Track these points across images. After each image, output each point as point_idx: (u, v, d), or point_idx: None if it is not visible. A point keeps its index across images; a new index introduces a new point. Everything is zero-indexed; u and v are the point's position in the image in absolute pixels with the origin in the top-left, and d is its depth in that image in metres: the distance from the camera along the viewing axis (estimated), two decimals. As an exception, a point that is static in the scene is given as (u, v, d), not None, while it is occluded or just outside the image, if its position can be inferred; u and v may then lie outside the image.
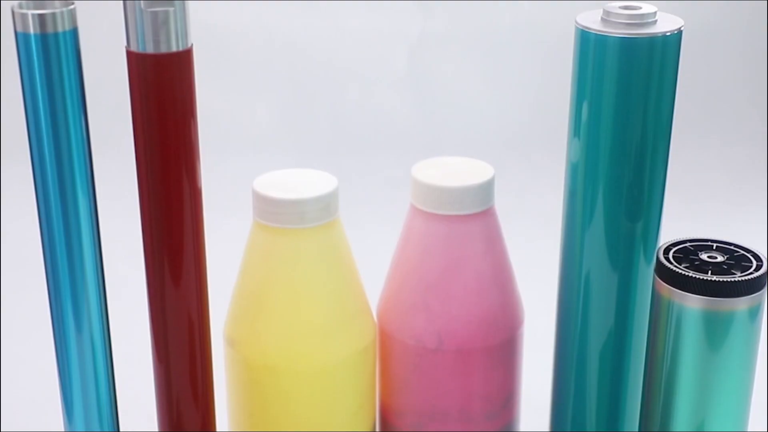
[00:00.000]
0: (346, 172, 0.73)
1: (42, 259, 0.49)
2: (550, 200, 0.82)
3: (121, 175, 0.86)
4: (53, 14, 0.46)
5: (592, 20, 0.54)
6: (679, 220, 0.89)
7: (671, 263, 0.51)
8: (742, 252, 0.52)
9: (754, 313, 0.51)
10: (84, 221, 0.49)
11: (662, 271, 0.52)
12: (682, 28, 0.54)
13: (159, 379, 0.55)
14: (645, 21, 0.54)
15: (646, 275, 0.56)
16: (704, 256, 0.52)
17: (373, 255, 0.64)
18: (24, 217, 0.76)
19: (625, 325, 0.58)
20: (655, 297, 0.53)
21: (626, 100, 0.54)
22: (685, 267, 0.51)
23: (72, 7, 0.47)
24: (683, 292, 0.50)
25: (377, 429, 0.62)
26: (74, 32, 0.47)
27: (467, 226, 0.57)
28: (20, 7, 0.46)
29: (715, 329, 0.50)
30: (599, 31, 0.53)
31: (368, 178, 1.15)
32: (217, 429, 0.57)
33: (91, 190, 0.49)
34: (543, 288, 0.68)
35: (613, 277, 0.57)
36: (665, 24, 0.54)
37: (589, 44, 0.54)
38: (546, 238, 0.73)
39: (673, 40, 0.53)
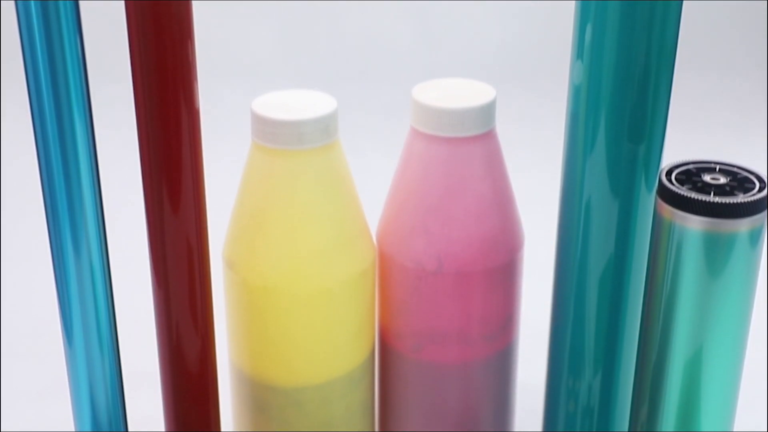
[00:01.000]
0: (346, 96, 0.73)
1: (40, 185, 0.49)
2: (552, 125, 0.82)
3: (119, 99, 0.85)
4: None
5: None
6: (682, 146, 0.88)
7: (673, 184, 0.51)
8: (746, 174, 0.52)
9: (755, 236, 0.50)
10: (81, 146, 0.49)
11: (664, 193, 0.51)
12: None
13: (158, 303, 0.55)
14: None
15: (648, 201, 0.56)
16: (707, 178, 0.52)
17: (373, 179, 0.64)
18: (21, 145, 0.76)
19: (625, 251, 0.58)
20: (657, 220, 0.52)
21: (630, 21, 0.53)
22: (687, 188, 0.50)
23: None
24: (685, 214, 0.50)
25: (376, 351, 0.63)
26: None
27: (468, 148, 0.56)
28: None
29: (715, 252, 0.50)
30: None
31: (368, 102, 1.14)
32: (217, 353, 0.57)
33: (88, 116, 0.49)
34: (543, 213, 0.68)
35: (614, 202, 0.56)
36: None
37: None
38: (547, 163, 0.73)
39: (679, -40, 0.52)
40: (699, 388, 0.53)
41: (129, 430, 0.54)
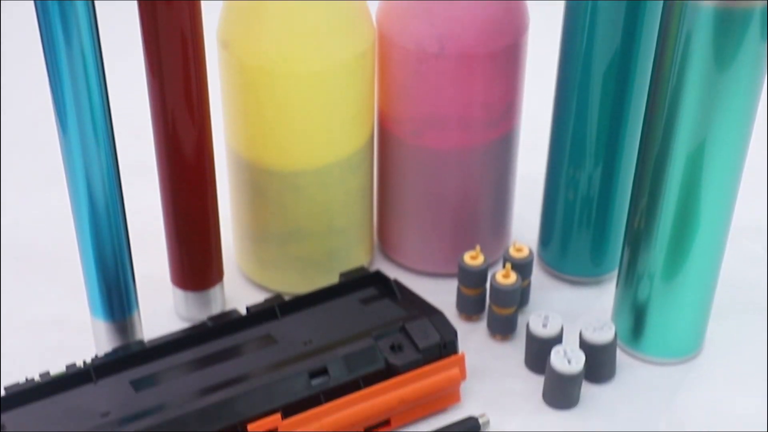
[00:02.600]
0: None
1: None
2: None
3: None
4: None
5: None
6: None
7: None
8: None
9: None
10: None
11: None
12: None
13: (153, 93, 0.53)
14: None
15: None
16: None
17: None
18: None
19: (632, 38, 0.56)
20: (668, 2, 0.50)
21: None
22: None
23: None
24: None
25: (375, 138, 0.62)
26: None
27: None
28: None
29: (727, 35, 0.48)
30: None
31: None
32: (214, 141, 0.56)
33: None
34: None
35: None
36: None
37: None
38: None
39: None
40: (700, 182, 0.52)
41: (127, 220, 0.54)
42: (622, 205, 0.61)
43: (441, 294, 0.61)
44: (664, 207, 0.54)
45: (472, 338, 0.60)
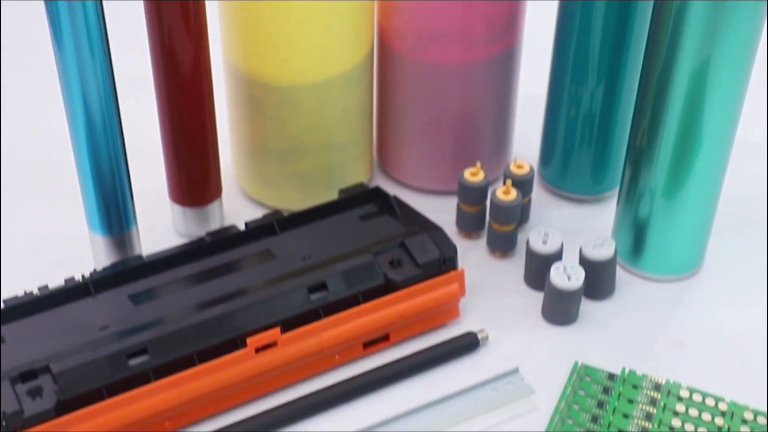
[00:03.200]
0: None
1: None
2: None
3: None
4: None
5: None
6: None
7: None
8: None
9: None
10: None
11: None
12: None
13: (149, 8, 0.52)
14: None
15: None
16: None
17: None
18: None
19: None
20: None
21: None
22: None
23: None
24: None
25: (375, 53, 0.61)
26: None
27: None
28: None
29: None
30: None
31: None
32: (212, 54, 0.55)
33: None
34: None
35: None
36: None
37: None
38: None
39: None
40: (703, 100, 0.52)
41: (124, 134, 0.53)
42: (624, 123, 0.61)
43: (441, 212, 0.61)
44: (666, 124, 0.53)
45: (472, 255, 0.60)
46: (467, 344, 0.54)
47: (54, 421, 0.46)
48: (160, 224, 0.61)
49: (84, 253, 0.57)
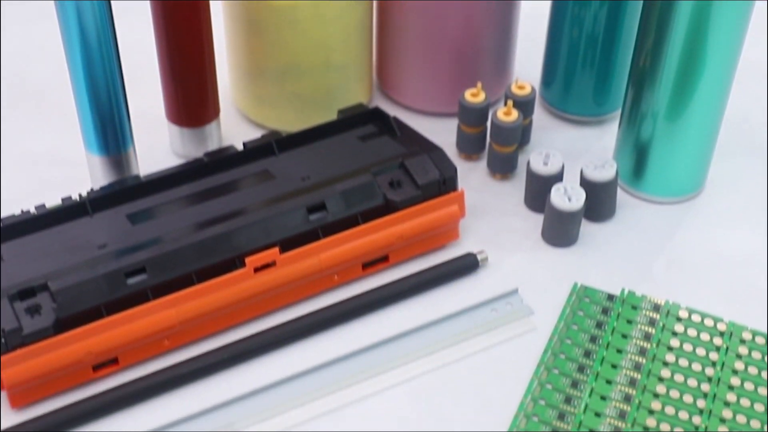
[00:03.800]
0: None
1: None
2: None
3: None
4: None
5: None
6: None
7: None
8: None
9: None
10: None
11: None
12: None
13: None
14: None
15: None
16: None
17: None
18: None
19: None
20: None
21: None
22: None
23: None
24: None
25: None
26: None
27: None
28: None
29: None
30: None
31: None
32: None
33: None
34: None
35: None
36: None
37: None
38: None
39: None
40: (708, 21, 0.51)
41: (120, 53, 0.52)
42: (627, 44, 0.60)
43: (441, 134, 0.60)
44: (670, 45, 0.53)
45: (472, 177, 0.60)
46: (467, 265, 0.54)
47: (53, 339, 0.46)
48: (157, 145, 0.60)
49: (81, 174, 0.57)
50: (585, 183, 0.55)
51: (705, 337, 0.50)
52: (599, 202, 0.56)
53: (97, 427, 0.46)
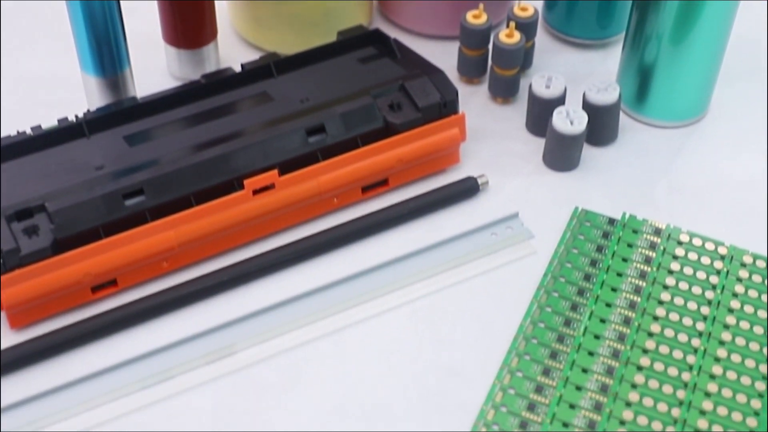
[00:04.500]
0: None
1: None
2: None
3: None
4: None
5: None
6: None
7: None
8: None
9: None
10: None
11: None
12: None
13: None
14: None
15: None
16: None
17: None
18: None
19: None
20: None
21: None
22: None
23: None
24: None
25: None
26: None
27: None
28: None
29: None
30: None
31: None
32: None
33: None
34: None
35: None
36: None
37: None
38: None
39: None
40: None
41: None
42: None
43: (442, 57, 0.59)
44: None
45: (473, 101, 0.59)
46: (467, 189, 0.53)
47: (51, 260, 0.46)
48: (154, 67, 0.60)
49: (77, 96, 0.56)
50: (587, 106, 0.55)
51: (705, 260, 0.50)
52: (601, 125, 0.55)
53: (97, 348, 0.46)
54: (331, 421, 0.44)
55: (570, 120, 0.53)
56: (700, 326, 0.47)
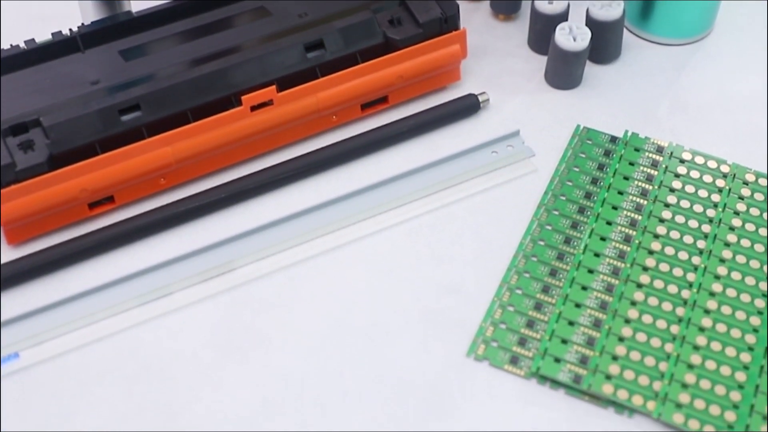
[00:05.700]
0: None
1: None
2: None
3: None
4: None
5: None
6: None
7: None
8: None
9: None
10: None
11: None
12: None
13: None
14: None
15: None
16: None
17: None
18: None
19: None
20: None
21: None
22: None
23: None
24: None
25: None
26: None
27: None
28: None
29: None
30: None
31: None
32: None
33: None
34: None
35: None
36: None
37: None
38: None
39: None
40: None
41: None
42: None
43: (442, -28, 0.58)
44: None
45: (475, 18, 0.58)
46: (467, 106, 0.53)
47: (47, 175, 0.45)
48: (150, -18, 0.58)
49: (70, 10, 0.55)
50: (591, 22, 0.54)
51: (708, 178, 0.49)
52: (605, 42, 0.54)
53: (95, 264, 0.46)
54: (330, 337, 0.44)
55: (573, 36, 0.52)
56: (701, 244, 0.47)
